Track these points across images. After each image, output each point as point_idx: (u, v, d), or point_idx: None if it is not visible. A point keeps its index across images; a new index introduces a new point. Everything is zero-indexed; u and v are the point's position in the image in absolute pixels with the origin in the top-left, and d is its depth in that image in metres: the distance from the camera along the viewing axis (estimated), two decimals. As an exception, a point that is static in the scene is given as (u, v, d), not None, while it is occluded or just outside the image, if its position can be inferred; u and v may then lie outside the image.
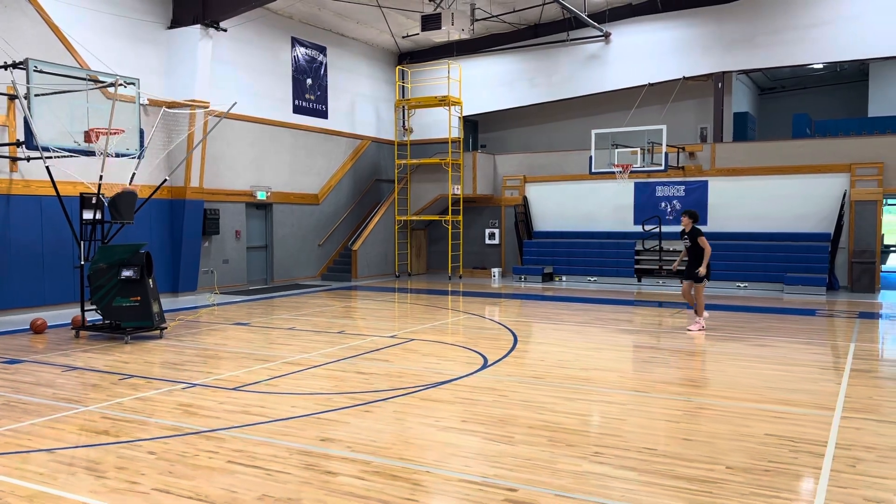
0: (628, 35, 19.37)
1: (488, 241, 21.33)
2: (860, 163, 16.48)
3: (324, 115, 19.70)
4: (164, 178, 12.58)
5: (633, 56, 19.29)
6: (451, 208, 20.46)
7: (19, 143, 11.56)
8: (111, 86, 10.62)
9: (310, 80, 19.14)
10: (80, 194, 10.94)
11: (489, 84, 21.37)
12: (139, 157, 11.50)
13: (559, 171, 20.13)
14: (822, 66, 21.01)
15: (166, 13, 15.21)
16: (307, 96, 19.10)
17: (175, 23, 15.15)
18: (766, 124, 24.17)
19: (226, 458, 5.12)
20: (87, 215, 10.79)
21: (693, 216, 11.25)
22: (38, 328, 10.90)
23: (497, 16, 19.40)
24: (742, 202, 17.74)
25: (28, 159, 11.79)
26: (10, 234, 12.44)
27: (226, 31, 15.53)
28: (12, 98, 11.87)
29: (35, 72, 10.28)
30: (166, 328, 10.66)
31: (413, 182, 21.19)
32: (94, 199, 10.79)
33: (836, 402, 6.62)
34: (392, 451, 5.29)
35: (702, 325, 11.00)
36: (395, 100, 21.75)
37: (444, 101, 19.88)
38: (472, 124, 23.23)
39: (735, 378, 7.87)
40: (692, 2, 18.45)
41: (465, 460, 5.11)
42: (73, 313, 11.76)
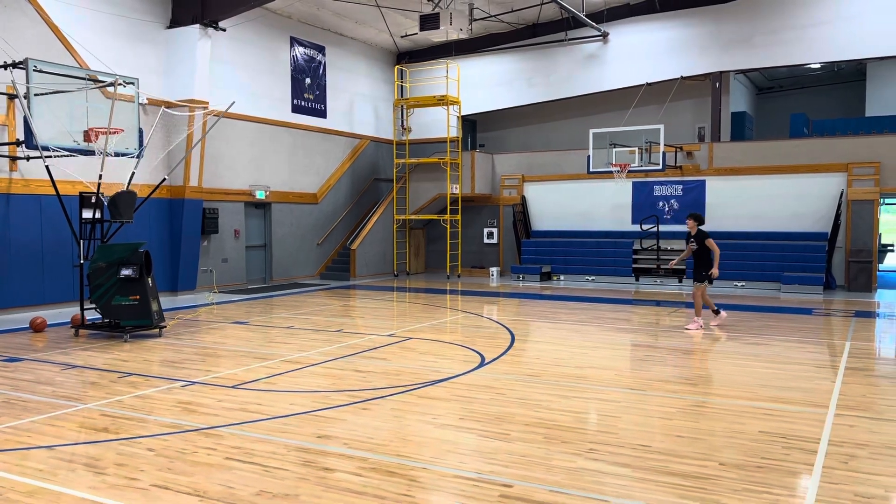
0: (626, 35, 19.42)
1: (486, 241, 21.37)
2: (857, 162, 16.54)
3: (322, 114, 19.74)
4: (164, 178, 12.63)
5: (631, 56, 19.33)
6: (449, 207, 20.51)
7: (19, 143, 11.61)
8: (110, 85, 10.66)
9: (308, 80, 19.18)
10: (80, 193, 11.00)
11: (487, 84, 21.41)
12: (138, 157, 11.54)
13: (557, 170, 20.17)
14: (819, 65, 21.06)
15: (165, 13, 15.25)
16: (306, 96, 19.14)
17: (174, 22, 15.19)
18: (764, 124, 24.22)
19: (224, 455, 5.16)
20: (87, 214, 10.85)
21: (698, 219, 11.30)
22: (37, 327, 10.95)
23: (495, 15, 19.45)
24: (739, 202, 17.79)
25: (28, 158, 11.84)
26: (10, 234, 12.48)
27: (225, 30, 15.57)
28: (12, 97, 11.91)
29: (35, 71, 10.33)
30: (165, 327, 10.70)
31: (411, 181, 21.24)
32: (94, 199, 10.84)
33: (830, 399, 6.67)
34: (389, 447, 5.34)
35: (699, 325, 11.05)
36: (393, 99, 21.79)
37: (442, 101, 19.92)
38: (470, 124, 23.27)
39: (730, 376, 7.93)
40: (690, 2, 18.49)
41: (462, 457, 5.16)
42: (72, 312, 11.80)
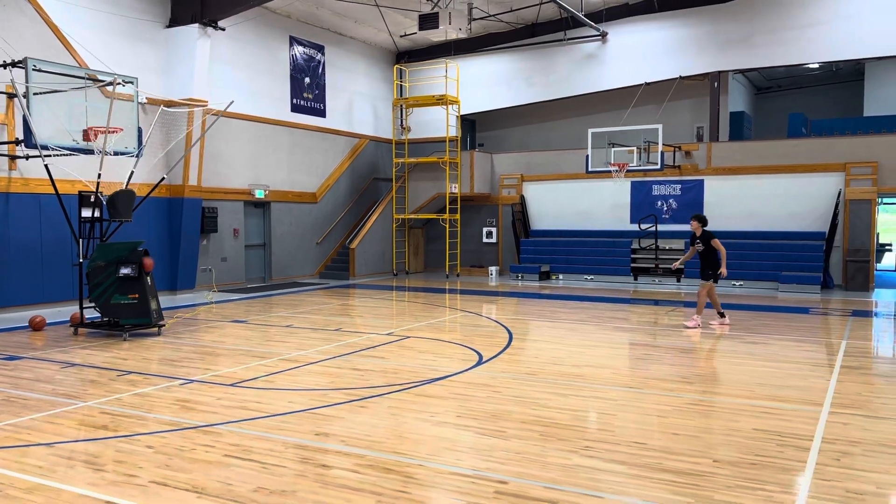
0: (625, 35, 19.45)
1: (486, 240, 21.41)
2: (855, 162, 16.58)
3: (322, 113, 19.77)
4: (162, 177, 12.66)
5: (630, 55, 19.37)
6: (448, 207, 20.54)
7: (18, 142, 11.64)
8: (109, 84, 10.69)
9: (308, 79, 19.21)
10: (79, 192, 11.02)
11: (487, 83, 21.44)
12: (137, 156, 11.57)
13: (556, 169, 20.21)
14: (817, 65, 21.11)
15: (164, 12, 15.27)
16: (305, 95, 19.17)
17: (173, 22, 15.22)
18: (763, 123, 24.27)
19: (222, 452, 5.20)
20: (86, 213, 10.88)
21: (702, 220, 11.35)
22: (37, 325, 10.98)
23: (494, 15, 19.48)
24: (738, 201, 17.83)
25: (27, 157, 11.87)
26: (10, 232, 12.51)
27: (224, 30, 15.59)
28: (11, 97, 11.94)
29: (34, 70, 10.35)
30: (164, 325, 10.74)
31: (411, 181, 21.27)
32: (93, 198, 10.88)
33: (825, 398, 6.71)
34: (386, 445, 5.37)
35: (698, 322, 11.09)
36: (392, 99, 21.82)
37: (441, 100, 19.95)
38: (469, 123, 23.31)
39: (727, 374, 7.98)
40: (688, 1, 18.53)
41: (458, 454, 5.20)
42: (71, 311, 11.84)
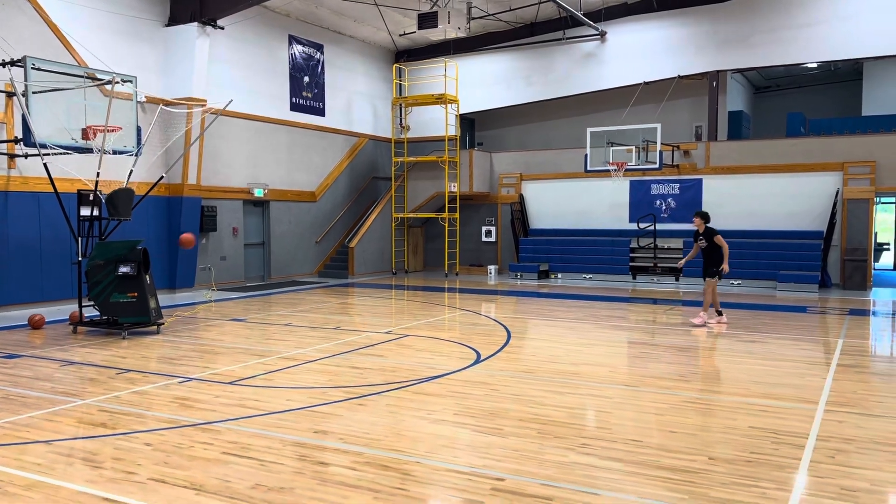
0: (624, 34, 19.47)
1: (485, 239, 21.43)
2: (853, 161, 16.61)
3: (321, 112, 19.78)
4: (161, 175, 12.67)
5: (629, 55, 19.39)
6: (447, 206, 20.56)
7: (17, 140, 11.65)
8: (108, 83, 10.70)
9: (307, 78, 19.23)
10: (78, 191, 11.04)
11: (486, 82, 21.46)
12: (136, 155, 11.59)
13: (555, 168, 20.23)
14: (816, 65, 21.12)
15: (164, 11, 15.29)
16: (304, 94, 19.19)
17: (172, 21, 15.23)
18: (761, 123, 24.30)
19: (220, 450, 5.22)
20: (85, 212, 10.89)
21: (704, 217, 11.38)
22: (36, 324, 11.00)
23: (493, 14, 19.50)
24: (736, 200, 17.85)
25: (26, 156, 11.89)
26: (9, 231, 12.53)
27: (223, 28, 15.61)
28: (10, 95, 11.96)
29: (33, 69, 10.37)
30: (163, 324, 10.76)
31: (410, 179, 21.29)
32: (92, 196, 10.89)
33: (821, 396, 6.74)
34: (384, 442, 5.40)
35: (704, 320, 11.11)
36: (392, 98, 21.84)
37: (440, 99, 19.97)
38: (468, 122, 23.33)
39: (724, 373, 8.01)
40: (687, 1, 18.54)
41: (455, 451, 5.22)
42: (70, 309, 11.86)
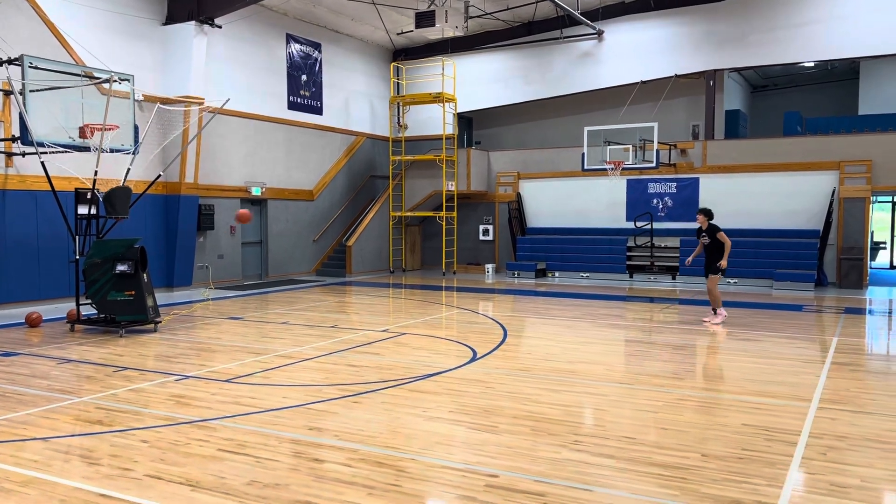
0: (621, 33, 19.50)
1: (482, 237, 21.47)
2: (849, 160, 16.65)
3: (318, 111, 19.80)
4: (159, 174, 12.70)
5: (626, 54, 19.42)
6: (445, 204, 20.59)
7: (14, 139, 11.68)
8: (106, 82, 10.72)
9: (304, 77, 19.24)
10: (75, 189, 11.05)
11: (483, 81, 21.48)
12: (134, 153, 11.62)
13: (552, 167, 20.26)
14: (813, 64, 21.16)
15: (161, 10, 15.30)
16: (302, 93, 19.20)
17: (170, 19, 15.24)
18: (758, 122, 24.33)
19: (216, 447, 5.26)
20: (82, 210, 10.91)
21: (708, 213, 11.44)
22: (33, 322, 11.02)
23: (491, 13, 19.52)
24: (733, 199, 17.87)
25: (23, 154, 11.91)
26: (6, 229, 12.55)
27: (220, 27, 15.63)
28: (8, 94, 11.97)
29: (30, 68, 10.39)
30: (160, 322, 10.77)
31: (407, 178, 21.32)
32: (89, 195, 10.91)
33: (814, 393, 6.78)
34: (379, 439, 5.43)
35: (724, 315, 11.15)
36: (389, 96, 21.87)
37: (438, 98, 19.99)
38: (466, 121, 23.35)
39: (718, 371, 8.05)
40: (684, 0, 18.59)
41: (450, 448, 5.26)
42: (68, 307, 11.87)
